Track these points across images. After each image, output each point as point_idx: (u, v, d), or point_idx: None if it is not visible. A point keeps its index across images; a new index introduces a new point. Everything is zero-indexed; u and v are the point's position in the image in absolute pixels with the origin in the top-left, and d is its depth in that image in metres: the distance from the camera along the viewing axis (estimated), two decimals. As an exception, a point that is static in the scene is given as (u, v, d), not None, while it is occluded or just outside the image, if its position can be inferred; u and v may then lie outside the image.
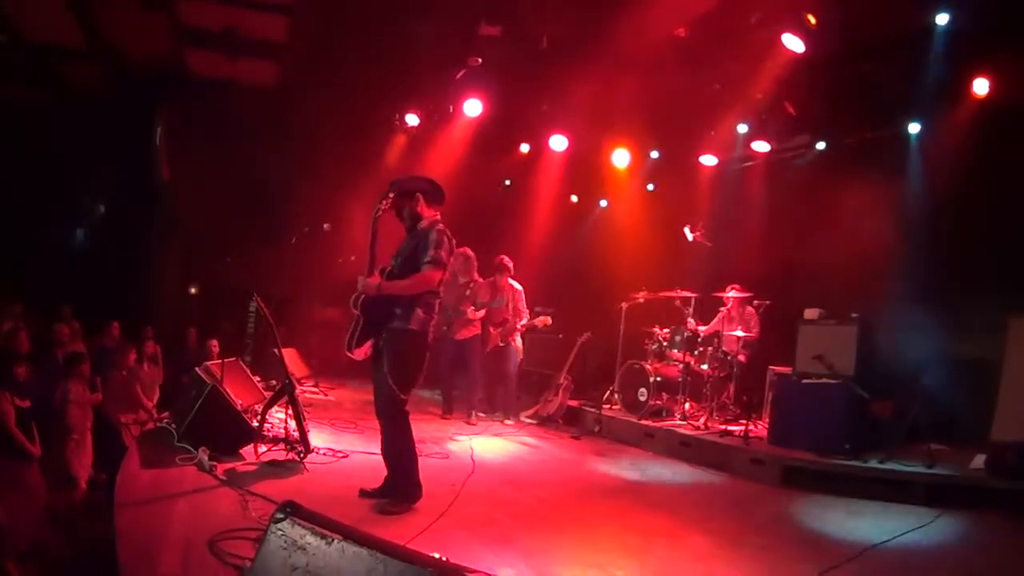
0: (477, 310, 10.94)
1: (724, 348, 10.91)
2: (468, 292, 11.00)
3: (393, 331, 6.16)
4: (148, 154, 15.15)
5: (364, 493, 6.32)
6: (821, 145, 12.18)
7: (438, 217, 6.48)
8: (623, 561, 5.43)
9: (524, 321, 11.21)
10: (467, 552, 5.14)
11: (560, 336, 12.56)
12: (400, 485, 6.21)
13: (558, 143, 13.82)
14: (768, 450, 8.81)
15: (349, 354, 6.36)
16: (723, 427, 9.92)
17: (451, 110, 13.46)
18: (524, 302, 11.27)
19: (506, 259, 11.14)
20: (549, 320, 11.55)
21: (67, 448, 8.09)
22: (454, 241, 6.38)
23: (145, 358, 11.05)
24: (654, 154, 14.39)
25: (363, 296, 6.26)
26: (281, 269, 14.10)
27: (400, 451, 6.26)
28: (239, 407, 7.65)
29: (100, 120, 14.59)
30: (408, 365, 6.23)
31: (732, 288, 11.00)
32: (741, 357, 10.73)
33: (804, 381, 9.18)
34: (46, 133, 14.45)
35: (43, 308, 11.93)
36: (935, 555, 6.04)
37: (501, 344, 11.05)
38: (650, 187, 15.13)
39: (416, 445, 6.35)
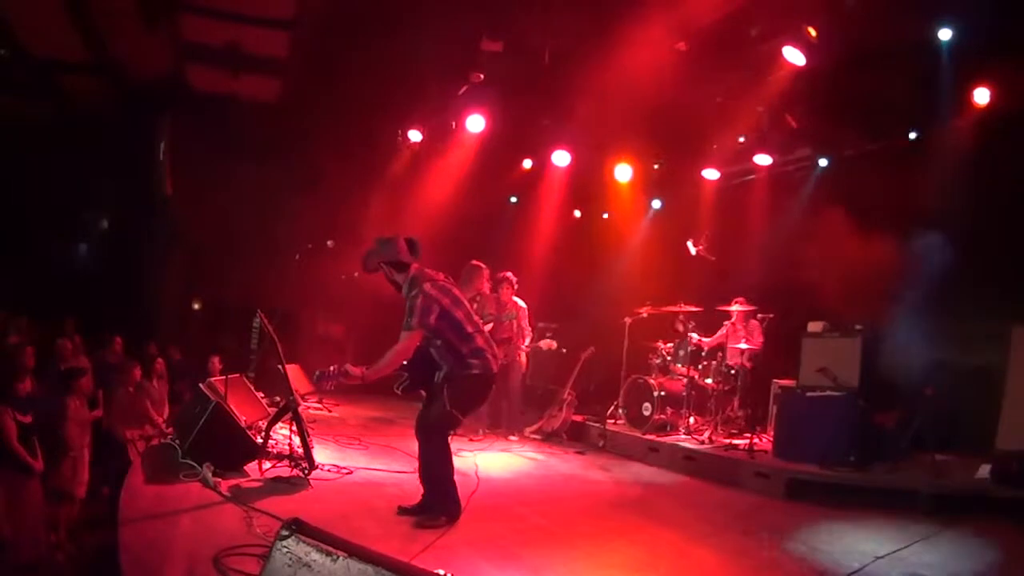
0: (484, 323, 10.92)
1: (728, 362, 10.89)
2: (475, 305, 10.99)
3: (456, 378, 6.30)
4: (151, 169, 15.18)
5: (403, 510, 6.40)
6: (824, 160, 12.20)
7: (415, 273, 6.40)
8: (628, 575, 5.41)
9: (528, 341, 11.19)
10: (472, 568, 5.13)
11: (564, 351, 12.53)
12: (438, 501, 6.29)
13: (561, 158, 13.82)
14: (773, 463, 8.79)
15: (397, 391, 6.52)
16: (727, 441, 9.91)
17: (453, 126, 13.47)
18: (528, 320, 11.24)
19: (510, 275, 11.11)
20: (554, 344, 11.58)
21: (64, 465, 8.06)
22: (435, 290, 6.27)
23: (154, 374, 11.05)
24: (656, 168, 14.42)
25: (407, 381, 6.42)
26: (284, 285, 14.07)
27: (442, 469, 6.34)
28: (243, 423, 7.64)
29: (103, 134, 14.63)
30: (473, 399, 6.53)
31: (737, 301, 10.98)
32: (747, 364, 10.68)
33: (808, 394, 9.16)
34: (48, 147, 14.49)
35: (46, 322, 11.92)
36: (942, 566, 6.01)
37: (503, 361, 11.00)
38: (656, 204, 15.14)
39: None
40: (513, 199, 17.18)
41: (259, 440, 7.65)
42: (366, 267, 6.55)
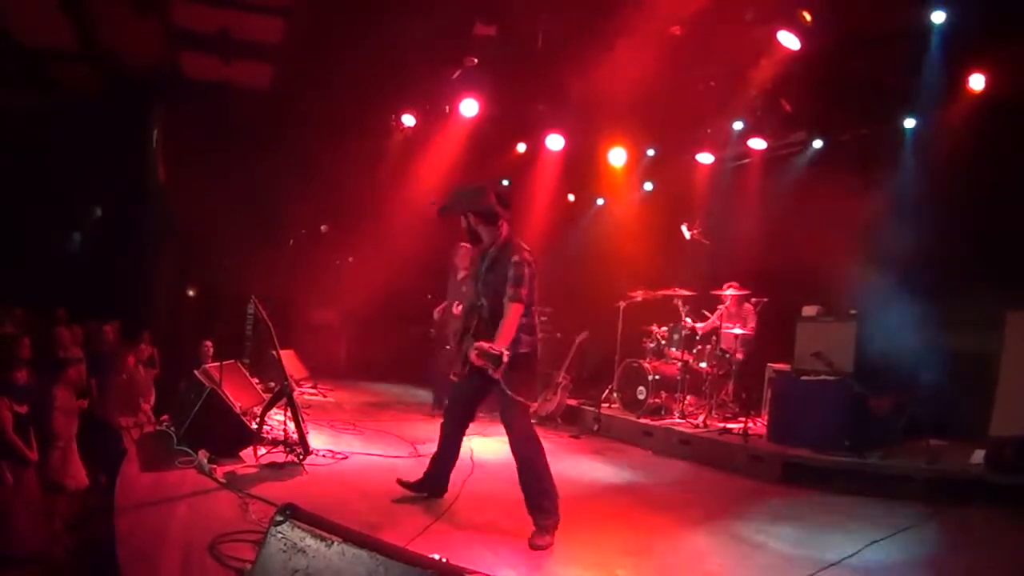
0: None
1: (722, 346, 10.91)
2: (464, 288, 10.97)
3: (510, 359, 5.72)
4: (143, 157, 15.09)
5: (404, 484, 6.53)
6: (818, 143, 12.19)
7: (511, 238, 6.03)
8: (623, 560, 5.44)
9: None
10: (467, 553, 5.14)
11: (558, 335, 12.55)
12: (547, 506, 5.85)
13: (554, 142, 13.78)
14: (767, 447, 8.82)
15: (453, 378, 6.56)
16: (722, 425, 9.95)
17: (447, 110, 13.42)
18: None
19: None
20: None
21: (53, 455, 8.02)
22: (531, 257, 5.93)
23: (140, 361, 11.01)
24: (650, 152, 14.39)
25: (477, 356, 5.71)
26: (279, 271, 14.02)
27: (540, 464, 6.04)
28: (238, 409, 7.65)
29: (95, 123, 14.51)
30: (530, 377, 6.11)
31: (730, 286, 10.99)
32: (739, 355, 10.74)
33: (803, 378, 9.19)
34: (41, 137, 14.39)
35: (40, 312, 11.88)
36: (936, 551, 6.04)
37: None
38: (648, 187, 15.11)
39: (420, 446, 6.44)
40: (505, 182, 17.12)
41: (254, 426, 7.65)
42: (447, 209, 6.28)
